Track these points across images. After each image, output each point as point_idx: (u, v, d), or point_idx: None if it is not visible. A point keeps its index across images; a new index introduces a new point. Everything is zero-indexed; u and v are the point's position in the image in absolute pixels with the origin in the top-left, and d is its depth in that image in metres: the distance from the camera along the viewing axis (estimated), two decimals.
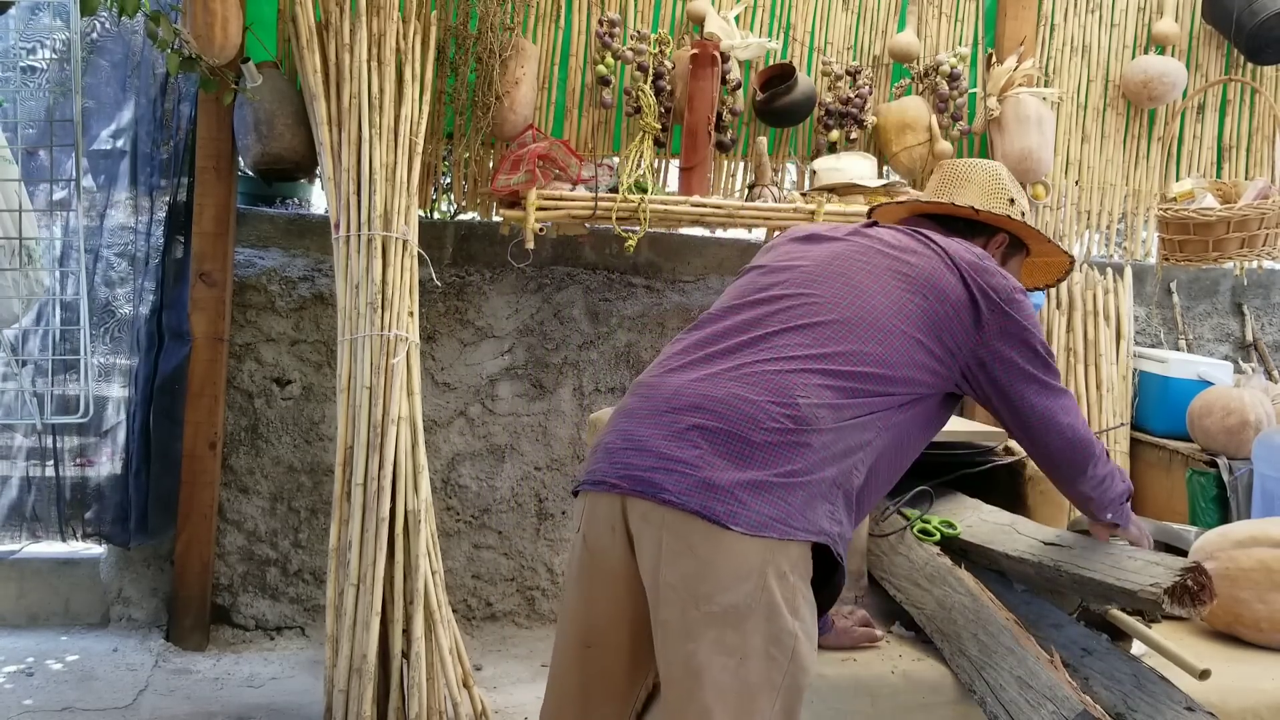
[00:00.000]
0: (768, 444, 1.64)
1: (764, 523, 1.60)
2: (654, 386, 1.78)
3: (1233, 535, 2.42)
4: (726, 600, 1.60)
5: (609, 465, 1.72)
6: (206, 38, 3.07)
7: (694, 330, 1.86)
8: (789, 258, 1.90)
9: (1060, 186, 4.03)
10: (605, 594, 1.76)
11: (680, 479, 1.62)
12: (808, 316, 1.77)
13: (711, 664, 1.60)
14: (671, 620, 1.63)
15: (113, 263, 3.55)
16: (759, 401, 1.66)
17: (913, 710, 2.03)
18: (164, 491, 3.44)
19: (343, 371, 2.97)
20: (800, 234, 1.99)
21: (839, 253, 1.87)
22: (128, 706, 3.03)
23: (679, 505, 1.61)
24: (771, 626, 1.62)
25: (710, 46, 3.42)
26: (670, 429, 1.68)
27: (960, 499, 2.58)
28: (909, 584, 2.30)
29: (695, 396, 1.70)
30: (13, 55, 3.29)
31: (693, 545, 1.61)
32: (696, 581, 1.61)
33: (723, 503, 1.60)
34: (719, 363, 1.74)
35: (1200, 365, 3.74)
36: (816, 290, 1.80)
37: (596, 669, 1.80)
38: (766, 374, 1.70)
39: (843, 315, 1.76)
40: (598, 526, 1.74)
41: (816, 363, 1.71)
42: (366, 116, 3.05)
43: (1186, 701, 1.86)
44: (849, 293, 1.79)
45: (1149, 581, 1.87)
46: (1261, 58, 3.91)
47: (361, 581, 2.83)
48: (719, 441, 1.64)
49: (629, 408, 1.79)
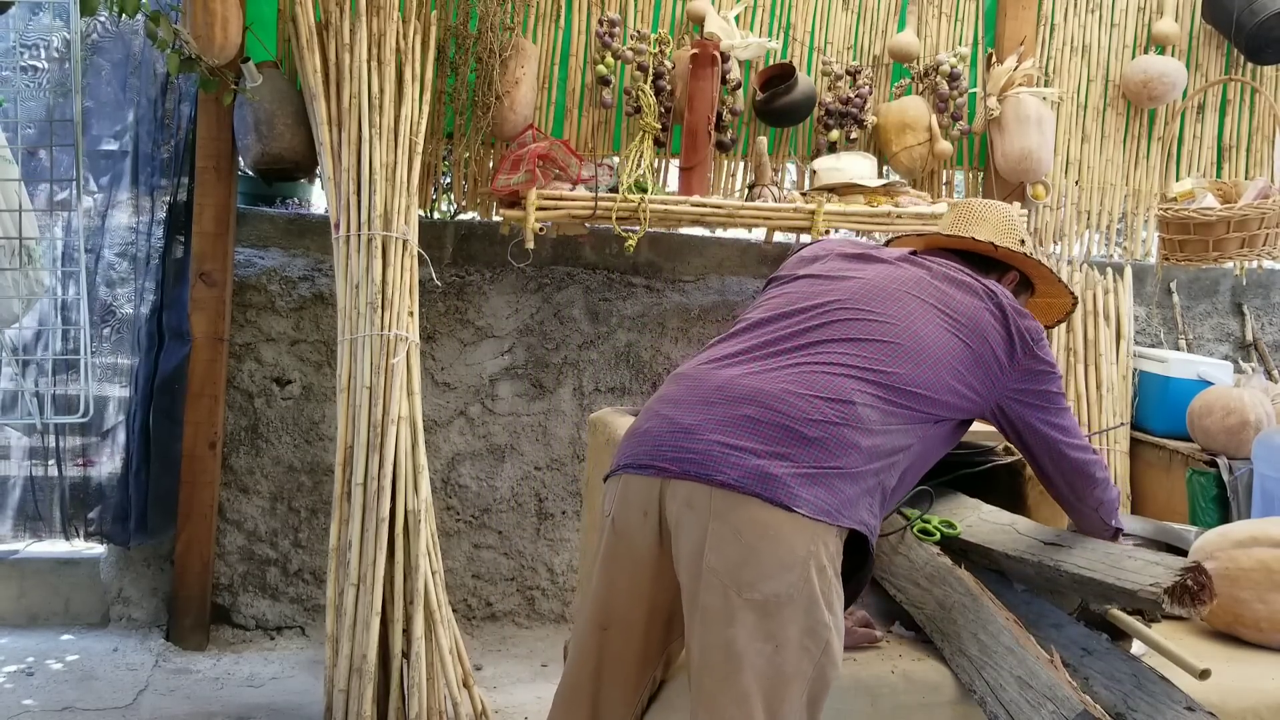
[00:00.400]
0: (820, 439, 1.69)
1: (820, 507, 1.66)
2: (700, 378, 1.81)
3: (1233, 535, 2.42)
4: (769, 589, 1.64)
5: (655, 449, 1.74)
6: (206, 38, 3.07)
7: (744, 331, 1.89)
8: (842, 271, 1.95)
9: (1060, 186, 4.03)
10: (627, 577, 1.79)
11: (737, 463, 1.66)
12: (864, 333, 1.82)
13: (749, 650, 1.64)
14: (712, 605, 1.66)
15: (113, 263, 3.55)
16: (813, 398, 1.72)
17: (913, 710, 2.03)
18: (164, 491, 3.44)
19: (343, 371, 2.97)
20: (851, 250, 2.03)
21: (893, 276, 1.93)
22: (128, 706, 3.03)
23: (735, 487, 1.65)
24: (809, 618, 1.66)
25: (710, 46, 3.42)
26: (723, 417, 1.71)
27: (960, 499, 2.58)
28: (909, 584, 2.29)
29: (748, 390, 1.74)
30: (13, 55, 3.29)
31: (740, 531, 1.64)
32: (740, 568, 1.64)
33: (781, 487, 1.64)
34: (773, 361, 1.79)
35: (1200, 365, 3.74)
36: (873, 308, 1.86)
37: (611, 651, 1.83)
38: (821, 375, 1.75)
39: (896, 338, 1.83)
40: (629, 510, 1.77)
41: (870, 375, 1.78)
42: (366, 116, 3.05)
43: (1186, 701, 1.86)
44: (904, 317, 1.86)
45: (1149, 581, 1.87)
46: (1261, 58, 3.91)
47: (361, 581, 2.83)
48: (773, 432, 1.69)
49: (673, 396, 1.81)
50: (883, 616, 2.33)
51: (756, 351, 1.82)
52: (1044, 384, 1.96)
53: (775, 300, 1.95)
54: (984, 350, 1.88)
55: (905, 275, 1.93)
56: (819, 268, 1.99)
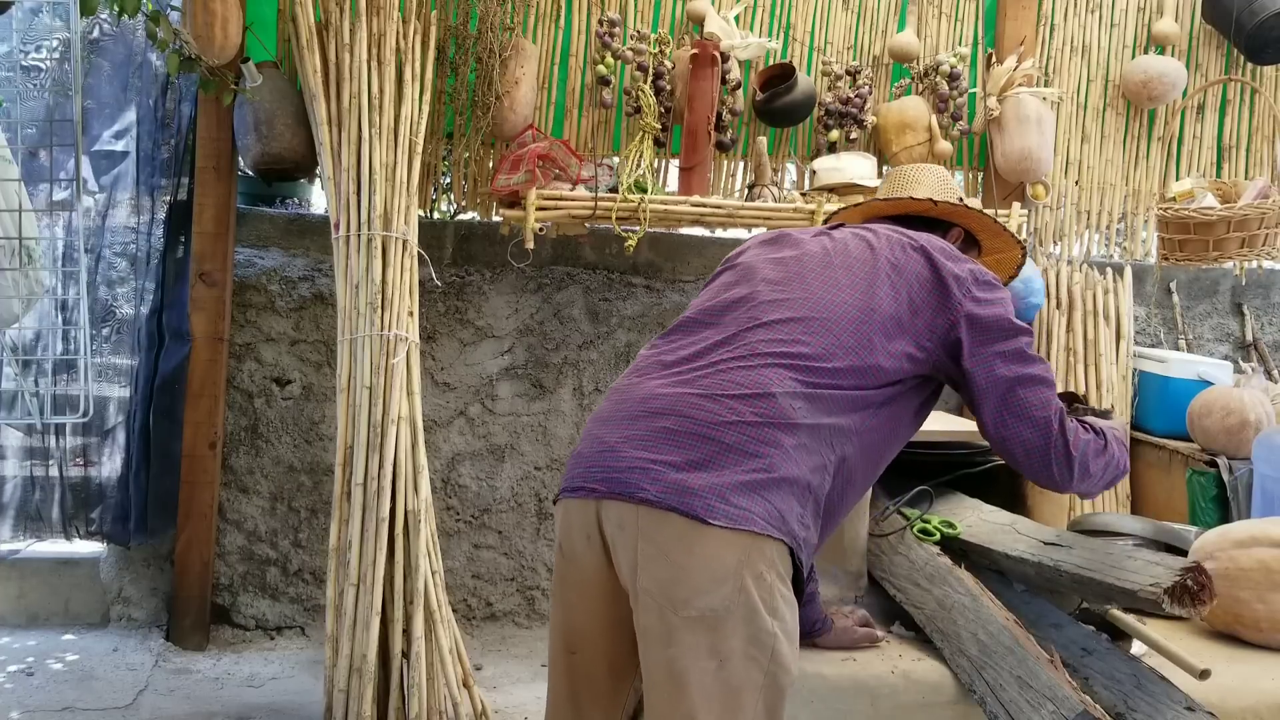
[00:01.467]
0: (738, 443, 1.63)
1: (742, 516, 1.59)
2: (627, 391, 1.78)
3: (1233, 535, 2.42)
4: (704, 604, 1.60)
5: (586, 470, 1.72)
6: (206, 38, 3.07)
7: (668, 335, 1.87)
8: (758, 259, 1.91)
9: (1060, 186, 4.03)
10: (583, 601, 1.77)
11: (657, 478, 1.62)
12: (777, 313, 1.76)
13: (692, 668, 1.60)
14: (651, 626, 1.63)
15: (113, 262, 3.55)
16: (728, 399, 1.66)
17: (913, 710, 2.03)
18: (164, 491, 3.44)
19: (343, 371, 2.97)
20: (768, 237, 1.99)
21: (808, 253, 1.87)
22: (128, 706, 3.03)
23: (655, 503, 1.60)
24: (750, 628, 1.61)
25: (710, 46, 3.42)
26: (644, 432, 1.68)
27: (960, 499, 2.58)
28: (909, 584, 2.29)
29: (667, 400, 1.69)
30: (13, 55, 3.29)
31: (666, 550, 1.61)
32: (672, 586, 1.60)
33: (700, 499, 1.59)
34: (692, 364, 1.75)
35: (1200, 365, 3.74)
36: (785, 290, 1.80)
37: (582, 674, 1.82)
38: (738, 369, 1.70)
39: (814, 311, 1.76)
40: (572, 534, 1.74)
41: (789, 359, 1.70)
42: (366, 116, 3.05)
43: (1186, 701, 1.86)
44: (821, 287, 1.79)
45: (1149, 581, 1.87)
46: (1261, 58, 3.91)
47: (361, 581, 2.83)
48: (691, 442, 1.64)
49: (603, 414, 1.79)
50: (883, 616, 2.33)
51: (679, 353, 1.79)
52: (992, 323, 1.81)
53: (699, 299, 1.92)
54: (917, 298, 1.79)
55: (819, 248, 1.87)
56: (739, 260, 1.94)
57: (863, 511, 2.44)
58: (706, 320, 1.82)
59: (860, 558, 2.43)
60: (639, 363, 1.84)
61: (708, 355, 1.75)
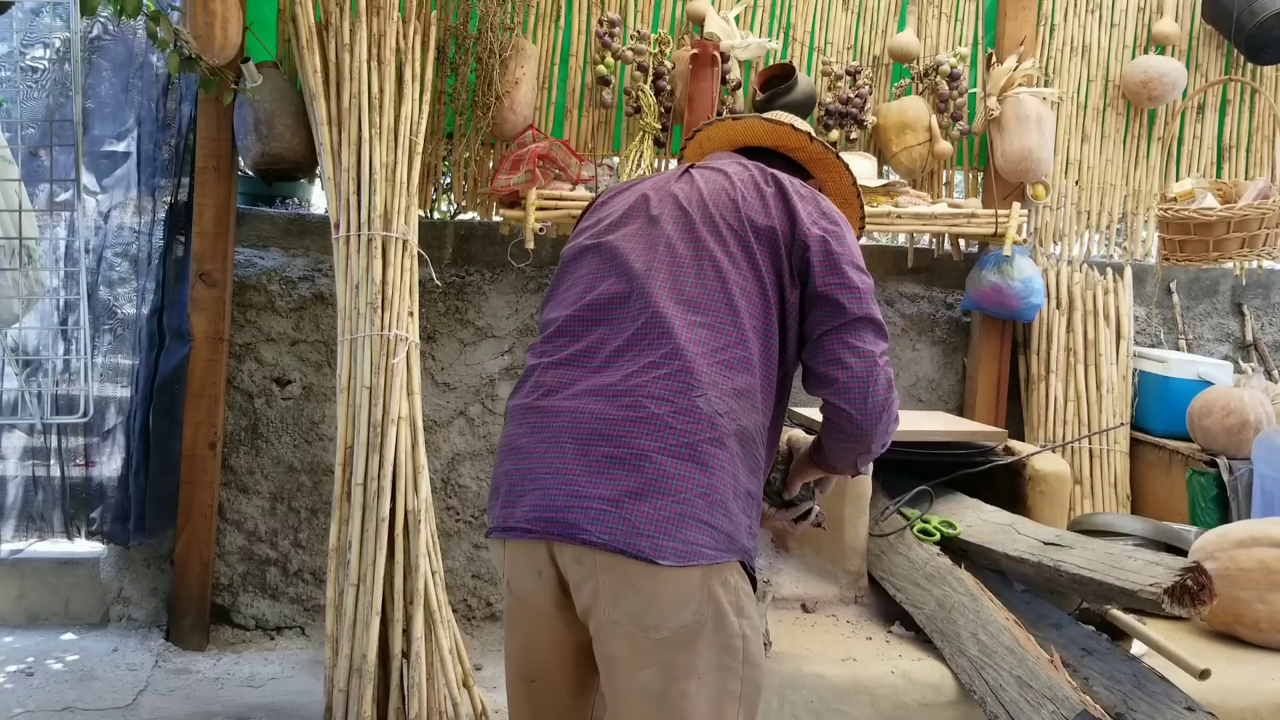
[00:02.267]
0: (678, 465, 1.60)
1: (690, 551, 1.57)
2: (541, 413, 1.69)
3: (1233, 535, 2.43)
4: (676, 623, 1.59)
5: (519, 511, 1.66)
6: (206, 38, 3.07)
7: (555, 339, 1.76)
8: (621, 240, 1.79)
9: (1060, 186, 4.03)
10: (540, 635, 1.75)
11: (599, 516, 1.57)
12: (673, 304, 1.69)
13: (669, 689, 1.59)
14: (620, 654, 1.62)
15: (113, 263, 3.55)
16: (659, 416, 1.61)
17: (913, 710, 2.03)
18: (164, 491, 3.44)
19: (343, 371, 2.97)
20: (615, 215, 1.85)
21: (664, 237, 1.76)
22: (128, 706, 3.03)
23: (601, 546, 1.57)
24: (721, 636, 1.61)
25: (710, 46, 3.42)
26: (577, 461, 1.62)
27: (960, 499, 2.59)
28: (909, 584, 2.30)
29: (593, 421, 1.63)
30: (14, 55, 3.29)
31: (632, 581, 1.58)
32: (642, 614, 1.59)
33: (646, 537, 1.56)
34: (600, 378, 1.67)
35: (1200, 365, 3.74)
36: (658, 282, 1.71)
37: (545, 699, 1.81)
38: (655, 381, 1.63)
39: (701, 293, 1.70)
40: (520, 573, 1.71)
41: (698, 350, 1.66)
42: (366, 116, 3.05)
43: (1186, 701, 1.86)
44: (693, 269, 1.72)
45: (1149, 581, 1.87)
46: (1261, 58, 3.91)
47: (361, 581, 2.83)
48: (630, 468, 1.59)
49: (521, 443, 1.70)
50: (883, 616, 2.33)
51: (579, 363, 1.70)
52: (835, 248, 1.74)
53: (571, 288, 1.81)
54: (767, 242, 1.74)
55: (673, 227, 1.77)
56: (598, 239, 1.83)
57: (863, 511, 2.45)
58: (594, 318, 1.74)
59: (860, 558, 2.44)
60: (538, 376, 1.75)
61: (615, 367, 1.67)
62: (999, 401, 3.86)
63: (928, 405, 3.95)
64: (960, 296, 3.96)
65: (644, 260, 1.75)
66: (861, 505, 2.44)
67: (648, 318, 1.68)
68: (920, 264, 3.99)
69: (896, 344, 3.98)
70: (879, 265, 4.01)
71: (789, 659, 2.09)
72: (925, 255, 3.99)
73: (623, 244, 1.78)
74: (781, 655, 2.10)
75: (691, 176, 1.86)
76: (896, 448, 2.58)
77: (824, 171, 2.05)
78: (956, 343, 4.02)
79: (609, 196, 1.93)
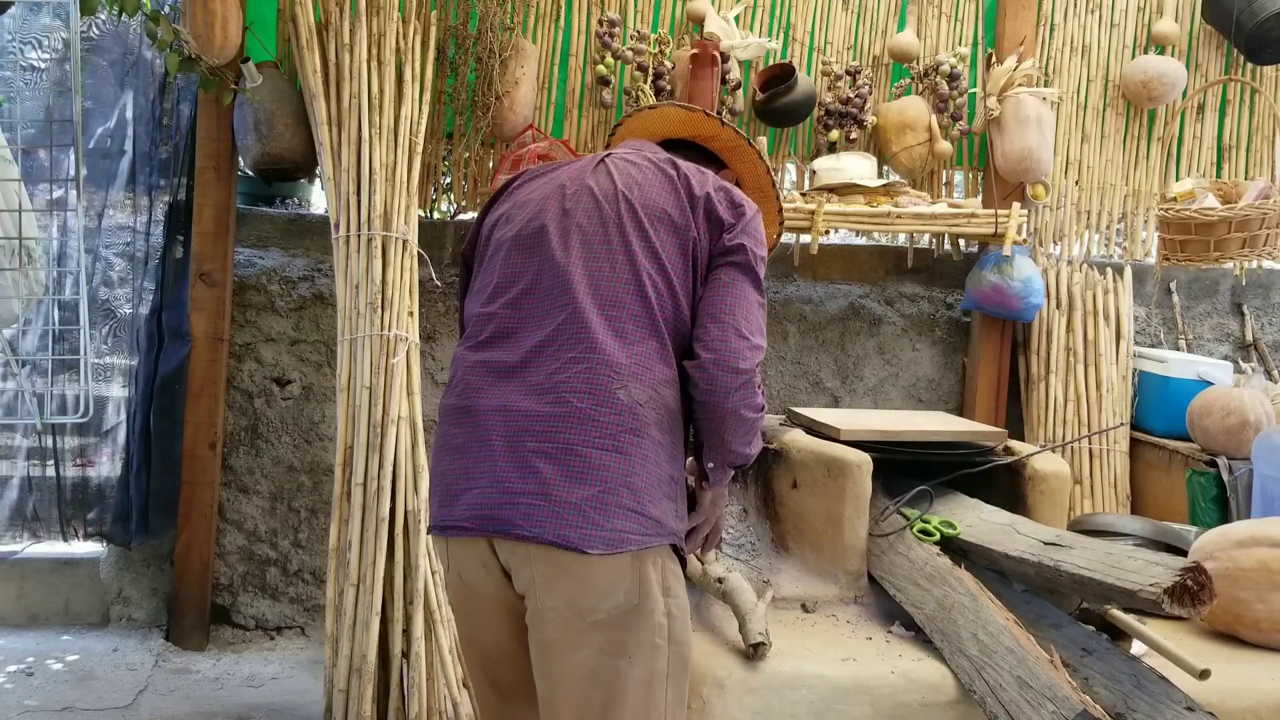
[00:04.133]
0: (603, 455, 1.66)
1: (618, 539, 1.65)
2: (471, 412, 1.76)
3: (1233, 535, 2.43)
4: (609, 605, 1.66)
5: (456, 509, 1.73)
6: (206, 38, 3.07)
7: (481, 335, 1.81)
8: (537, 234, 1.82)
9: (1060, 186, 4.03)
10: (494, 623, 1.81)
11: (529, 510, 1.65)
12: (592, 297, 1.74)
13: (602, 667, 1.67)
14: (556, 638, 1.69)
15: (112, 262, 3.55)
16: (583, 409, 1.67)
17: (913, 710, 2.03)
18: (164, 491, 3.44)
19: (343, 371, 2.97)
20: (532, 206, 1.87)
21: (580, 230, 1.80)
22: (128, 706, 3.03)
23: (532, 539, 1.65)
24: (652, 616, 1.69)
25: (710, 46, 3.42)
26: (509, 461, 1.69)
27: (960, 499, 2.58)
28: (909, 584, 2.29)
29: (520, 418, 1.70)
30: (12, 55, 3.29)
31: (566, 567, 1.66)
32: (577, 597, 1.66)
33: (575, 528, 1.63)
34: (525, 375, 1.73)
35: (1200, 365, 3.74)
36: (575, 276, 1.75)
37: (510, 682, 1.86)
38: (577, 376, 1.69)
39: (618, 287, 1.75)
40: (467, 567, 1.78)
41: (618, 344, 1.71)
42: (366, 116, 3.05)
43: (1186, 701, 1.86)
44: (616, 254, 1.77)
45: (1149, 581, 1.87)
46: (1261, 58, 3.91)
47: (361, 581, 2.83)
48: (557, 462, 1.66)
49: (455, 442, 1.77)
50: (883, 616, 2.33)
51: (506, 361, 1.75)
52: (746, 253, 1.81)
53: (490, 281, 1.84)
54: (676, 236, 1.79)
55: (588, 219, 1.81)
56: (514, 231, 1.85)
57: (863, 511, 2.44)
58: (515, 316, 1.78)
59: (860, 558, 2.43)
60: (465, 374, 1.80)
61: (538, 364, 1.73)
62: (999, 401, 3.86)
63: (928, 405, 3.96)
64: (960, 296, 3.96)
65: (561, 254, 1.78)
66: (861, 505, 2.43)
67: (568, 314, 1.74)
68: (920, 264, 3.99)
69: (896, 344, 3.98)
70: (879, 265, 4.01)
71: (789, 659, 2.09)
72: (925, 255, 3.99)
73: (539, 237, 1.82)
74: (781, 655, 2.10)
75: (605, 167, 1.89)
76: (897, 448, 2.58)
77: (740, 162, 2.12)
78: (956, 343, 4.02)
79: (525, 180, 1.96)
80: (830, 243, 4.00)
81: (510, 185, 1.97)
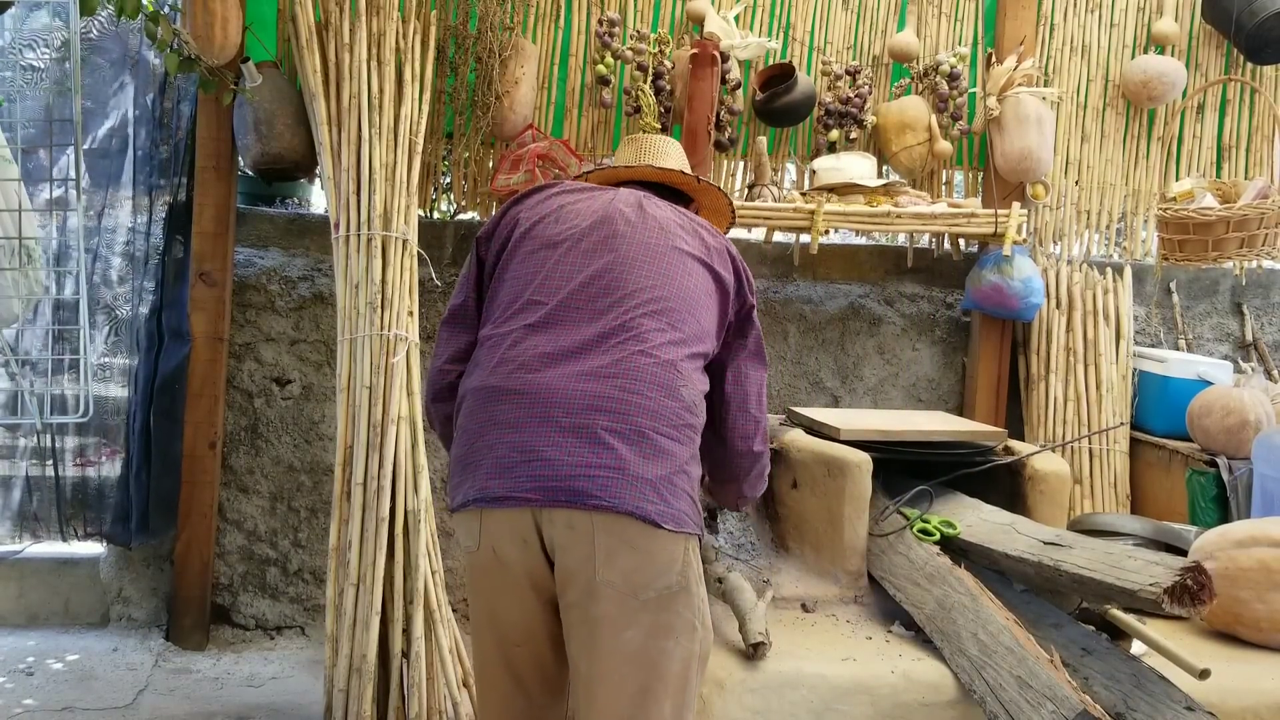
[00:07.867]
0: (668, 443, 1.77)
1: (682, 519, 1.77)
2: (523, 391, 1.81)
3: (1233, 535, 2.43)
4: (661, 584, 1.75)
5: (513, 480, 1.76)
6: (206, 38, 3.07)
7: (531, 320, 1.88)
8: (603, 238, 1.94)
9: (1060, 186, 4.03)
10: (522, 600, 1.85)
11: (605, 483, 1.72)
12: (655, 303, 1.87)
13: (649, 647, 1.74)
14: (608, 614, 1.74)
15: (112, 262, 3.55)
16: (653, 399, 1.78)
17: (913, 710, 2.03)
18: (164, 491, 3.44)
19: (343, 371, 2.97)
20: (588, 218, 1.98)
21: (645, 242, 1.94)
22: (128, 706, 3.03)
23: (612, 509, 1.71)
24: (694, 599, 1.79)
25: (710, 46, 3.42)
26: (576, 435, 1.75)
27: (960, 499, 2.59)
28: (909, 584, 2.30)
29: (588, 398, 1.77)
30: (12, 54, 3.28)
31: (631, 541, 1.73)
32: (635, 573, 1.73)
33: (651, 502, 1.73)
34: (585, 360, 1.81)
35: (1200, 365, 3.74)
36: (644, 274, 1.90)
37: (529, 665, 1.90)
38: (646, 367, 1.80)
39: (677, 301, 1.89)
40: (504, 540, 1.80)
41: (676, 348, 1.85)
42: (366, 116, 3.05)
43: (1186, 701, 1.86)
44: (675, 273, 1.92)
45: (1149, 581, 1.87)
46: (1261, 58, 3.91)
47: (361, 581, 2.83)
48: (630, 442, 1.75)
49: (508, 418, 1.80)
50: (883, 616, 2.33)
51: (565, 343, 1.83)
52: (755, 328, 2.05)
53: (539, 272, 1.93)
54: (720, 285, 1.98)
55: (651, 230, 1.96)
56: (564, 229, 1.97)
57: (862, 511, 2.45)
58: (577, 304, 1.87)
59: (860, 557, 2.44)
60: (514, 354, 1.85)
61: (599, 347, 1.82)
62: (999, 401, 3.86)
63: (928, 405, 3.96)
64: (960, 296, 3.96)
65: (629, 260, 1.91)
66: (861, 505, 2.44)
67: (634, 312, 1.85)
68: (920, 264, 3.99)
69: (896, 344, 3.98)
70: (879, 265, 4.02)
71: (789, 659, 2.09)
72: (925, 255, 3.99)
73: (606, 243, 1.94)
74: (781, 655, 2.10)
75: (643, 206, 2.02)
76: (896, 448, 2.59)
77: (703, 195, 2.29)
78: (956, 342, 4.02)
79: (567, 190, 2.07)
80: (830, 242, 4.00)
81: (548, 189, 2.07)
